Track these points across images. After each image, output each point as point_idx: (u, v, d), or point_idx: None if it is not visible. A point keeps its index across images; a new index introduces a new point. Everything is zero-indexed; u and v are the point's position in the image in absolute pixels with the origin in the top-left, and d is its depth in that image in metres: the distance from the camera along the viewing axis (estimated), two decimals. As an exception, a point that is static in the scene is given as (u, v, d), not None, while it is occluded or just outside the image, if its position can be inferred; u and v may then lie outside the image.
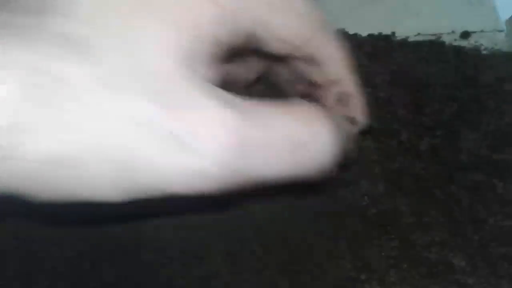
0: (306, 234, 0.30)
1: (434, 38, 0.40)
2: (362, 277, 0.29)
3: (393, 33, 0.40)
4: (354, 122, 0.22)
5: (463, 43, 0.40)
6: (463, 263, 0.30)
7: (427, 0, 0.42)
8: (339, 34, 0.37)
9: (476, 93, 0.36)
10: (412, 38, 0.40)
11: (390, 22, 0.41)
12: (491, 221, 0.31)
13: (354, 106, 0.23)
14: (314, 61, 0.22)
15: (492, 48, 0.39)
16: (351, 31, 0.41)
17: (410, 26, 0.39)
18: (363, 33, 0.41)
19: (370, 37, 0.40)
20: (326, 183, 0.21)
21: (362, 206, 0.32)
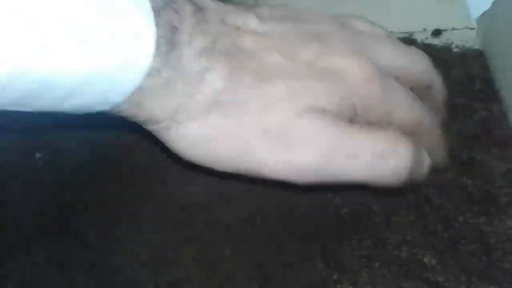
0: (277, 236, 0.30)
1: (406, 36, 0.40)
2: (334, 277, 0.29)
3: (365, 31, 0.40)
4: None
5: (435, 41, 0.40)
6: (434, 261, 0.30)
7: (399, -2, 0.42)
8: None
9: (447, 91, 0.37)
10: (384, 36, 0.40)
11: (362, 20, 0.41)
12: (461, 219, 0.31)
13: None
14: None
15: (463, 46, 0.40)
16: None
17: (382, 25, 0.39)
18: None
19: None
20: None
21: (334, 206, 0.32)
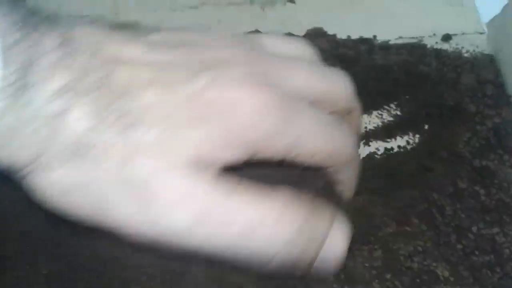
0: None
1: (415, 41, 0.40)
2: (345, 289, 0.29)
3: (374, 36, 0.40)
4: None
5: (445, 46, 0.39)
6: (447, 273, 0.29)
7: (408, 2, 0.42)
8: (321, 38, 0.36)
9: (457, 96, 0.36)
10: (393, 41, 0.40)
11: (371, 25, 0.40)
12: (474, 229, 0.31)
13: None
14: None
15: (473, 50, 0.39)
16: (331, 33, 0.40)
17: (391, 29, 0.39)
18: (344, 35, 0.40)
19: (351, 40, 0.40)
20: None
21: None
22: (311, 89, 0.23)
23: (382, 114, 0.38)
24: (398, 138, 0.37)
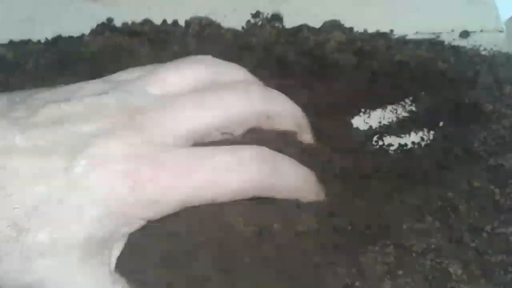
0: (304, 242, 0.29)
1: (433, 36, 0.39)
2: (357, 284, 0.29)
3: (391, 30, 0.40)
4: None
5: (462, 43, 0.39)
6: (459, 271, 0.29)
7: (427, -3, 0.41)
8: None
9: (474, 95, 0.36)
10: (410, 36, 0.39)
11: (388, 19, 0.40)
12: (488, 228, 0.30)
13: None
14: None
15: (491, 48, 0.38)
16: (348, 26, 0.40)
17: (409, 24, 0.38)
18: (360, 29, 0.40)
19: (368, 34, 0.39)
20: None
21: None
22: (206, 124, 0.24)
23: (396, 109, 0.37)
24: (412, 134, 0.36)
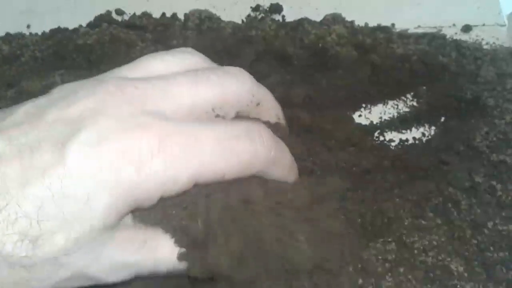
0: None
1: (434, 31, 0.39)
2: (359, 281, 0.29)
3: (392, 24, 0.39)
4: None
5: (464, 37, 0.39)
6: (461, 268, 0.29)
7: (429, -9, 0.41)
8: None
9: (476, 89, 0.35)
10: (412, 30, 0.39)
11: (389, 13, 0.39)
12: (490, 225, 0.30)
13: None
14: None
15: (493, 43, 0.38)
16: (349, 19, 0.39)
17: (410, 18, 0.38)
18: (362, 23, 0.39)
19: (369, 27, 0.39)
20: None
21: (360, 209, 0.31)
22: (203, 100, 0.23)
23: (398, 105, 0.37)
24: (414, 129, 0.36)
